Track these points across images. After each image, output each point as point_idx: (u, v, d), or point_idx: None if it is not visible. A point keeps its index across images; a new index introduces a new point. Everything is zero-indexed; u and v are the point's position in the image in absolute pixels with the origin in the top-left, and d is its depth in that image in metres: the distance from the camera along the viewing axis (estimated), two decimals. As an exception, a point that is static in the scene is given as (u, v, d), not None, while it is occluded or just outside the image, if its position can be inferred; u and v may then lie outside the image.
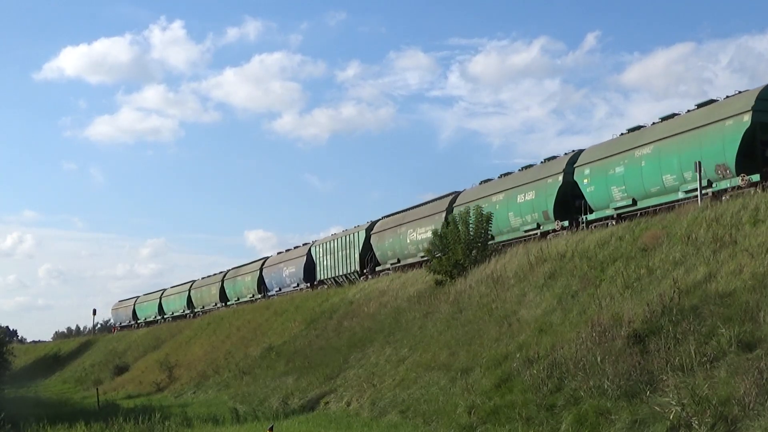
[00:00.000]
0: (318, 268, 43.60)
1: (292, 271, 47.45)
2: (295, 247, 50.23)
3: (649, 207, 23.05)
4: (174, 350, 44.20)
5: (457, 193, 33.46)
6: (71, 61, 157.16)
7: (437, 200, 35.09)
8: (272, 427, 16.74)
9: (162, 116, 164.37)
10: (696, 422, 10.55)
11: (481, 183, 32.84)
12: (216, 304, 58.22)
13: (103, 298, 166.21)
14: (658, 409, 11.29)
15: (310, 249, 45.62)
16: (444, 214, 31.89)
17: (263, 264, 52.83)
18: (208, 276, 64.22)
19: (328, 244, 42.85)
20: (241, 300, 54.17)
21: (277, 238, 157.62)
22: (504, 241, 27.88)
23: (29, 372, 62.82)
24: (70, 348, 71.87)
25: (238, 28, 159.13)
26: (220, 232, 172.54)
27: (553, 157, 28.86)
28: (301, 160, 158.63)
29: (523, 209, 28.16)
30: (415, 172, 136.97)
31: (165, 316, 68.00)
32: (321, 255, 43.39)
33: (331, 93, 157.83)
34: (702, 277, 14.38)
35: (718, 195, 20.46)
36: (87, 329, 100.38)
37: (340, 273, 40.82)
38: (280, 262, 49.86)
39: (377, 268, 37.62)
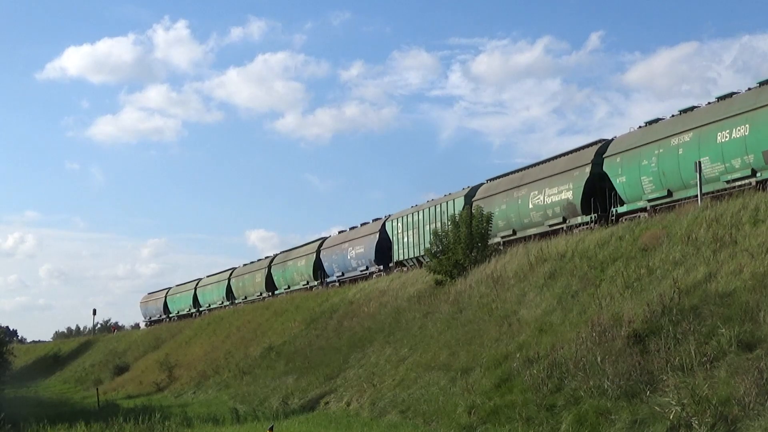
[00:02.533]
0: (395, 247, 36.45)
1: (360, 251, 39.98)
2: (362, 224, 42.45)
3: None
4: (174, 350, 44.19)
5: (606, 142, 26.46)
6: (74, 60, 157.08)
7: (578, 150, 27.88)
8: (272, 427, 16.76)
9: (165, 116, 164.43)
10: (696, 422, 10.55)
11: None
12: (261, 294, 51.28)
13: (104, 298, 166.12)
14: (658, 409, 11.29)
15: (384, 224, 38.29)
16: (589, 168, 25.89)
17: (321, 245, 45.52)
18: (252, 262, 57.18)
19: (409, 217, 35.39)
20: (293, 288, 47.03)
21: (278, 238, 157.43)
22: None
23: (29, 372, 62.87)
24: (70, 348, 71.87)
25: (242, 28, 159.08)
26: (221, 232, 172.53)
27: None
28: (302, 159, 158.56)
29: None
30: (416, 172, 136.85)
31: (200, 309, 61.23)
32: (400, 231, 35.91)
33: (334, 93, 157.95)
34: (702, 277, 14.38)
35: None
36: (87, 329, 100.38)
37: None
38: (344, 242, 42.15)
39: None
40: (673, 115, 24.14)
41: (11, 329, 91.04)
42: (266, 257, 54.24)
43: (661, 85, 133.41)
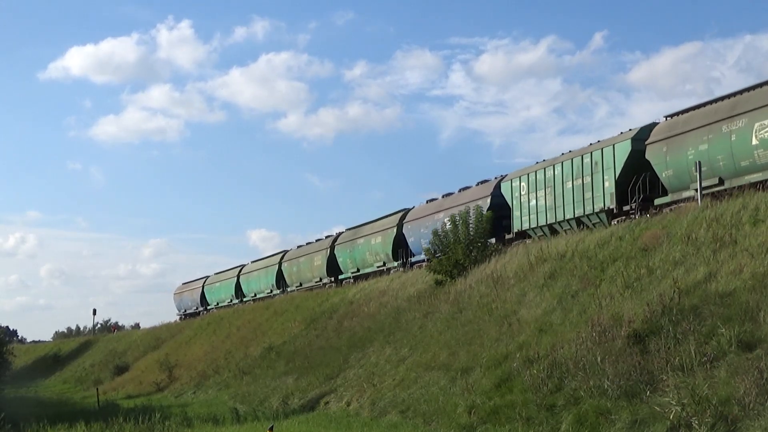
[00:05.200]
0: (515, 214, 28.81)
1: None
2: (461, 190, 33.96)
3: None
4: (174, 350, 44.21)
5: None
6: (77, 60, 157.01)
7: None
8: (272, 427, 16.75)
9: (167, 116, 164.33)
10: (696, 422, 10.55)
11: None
12: (320, 280, 43.66)
13: (105, 298, 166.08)
14: (658, 409, 11.30)
15: (499, 184, 30.24)
16: None
17: (403, 217, 36.90)
18: (309, 243, 48.64)
19: (539, 173, 27.89)
20: (363, 271, 38.70)
21: (280, 237, 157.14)
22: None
23: (29, 372, 62.85)
24: (70, 348, 71.86)
25: (246, 28, 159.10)
26: (222, 231, 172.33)
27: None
28: (303, 159, 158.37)
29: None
30: (416, 172, 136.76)
31: (245, 299, 53.84)
32: (523, 193, 28.71)
33: (337, 93, 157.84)
34: (702, 277, 14.39)
35: None
36: (87, 329, 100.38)
37: (571, 216, 25.79)
38: (435, 212, 33.55)
39: (658, 201, 22.83)
40: None
41: (11, 329, 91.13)
42: (327, 236, 45.98)
43: (664, 84, 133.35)
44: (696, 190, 21.04)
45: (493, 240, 27.92)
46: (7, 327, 74.79)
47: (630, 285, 15.91)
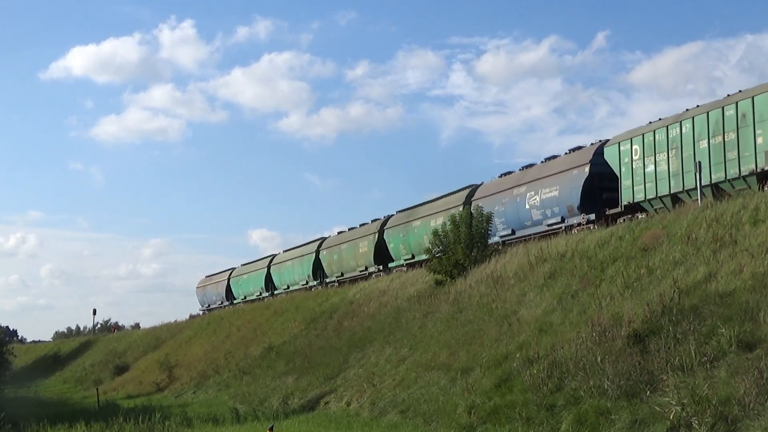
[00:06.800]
0: (625, 183, 24.08)
1: (550, 195, 27.01)
2: (546, 160, 29.15)
3: None
4: (174, 350, 44.21)
5: None
6: (79, 60, 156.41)
7: None
8: (272, 427, 16.76)
9: (169, 116, 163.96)
10: (696, 422, 10.56)
11: None
12: (366, 269, 38.65)
13: (105, 298, 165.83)
14: (658, 409, 11.31)
15: (601, 149, 25.56)
16: None
17: (471, 194, 32.02)
18: (352, 228, 42.86)
19: (652, 135, 23.22)
20: (417, 258, 32.99)
21: (281, 237, 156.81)
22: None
23: (29, 372, 62.83)
24: (70, 348, 71.85)
25: (248, 28, 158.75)
26: (222, 231, 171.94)
27: None
28: (304, 159, 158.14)
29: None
30: (417, 171, 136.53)
31: (276, 292, 49.36)
32: (631, 159, 23.94)
33: (339, 93, 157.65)
34: (702, 277, 14.40)
35: None
36: (87, 329, 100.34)
37: (706, 182, 21.07)
38: (515, 186, 29.19)
39: None
40: None
41: (11, 329, 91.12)
42: (374, 220, 40.42)
43: (666, 84, 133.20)
44: None
45: (592, 216, 24.60)
46: (7, 327, 74.86)
47: (630, 285, 15.92)
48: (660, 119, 23.63)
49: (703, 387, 11.10)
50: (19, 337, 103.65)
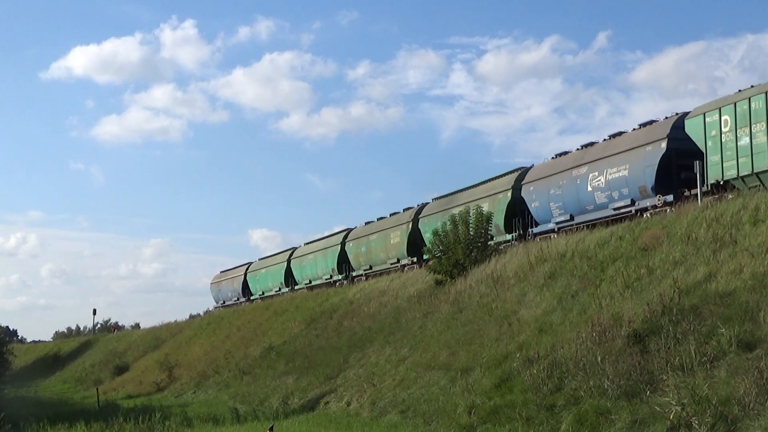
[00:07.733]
0: (711, 158, 21.44)
1: (619, 176, 24.53)
2: (611, 136, 26.47)
3: None
4: (174, 350, 44.22)
5: None
6: (80, 60, 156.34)
7: None
8: (272, 427, 16.76)
9: (170, 116, 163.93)
10: (696, 422, 10.56)
11: None
12: (398, 261, 35.82)
13: (105, 298, 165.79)
14: (658, 409, 11.31)
15: (681, 121, 22.90)
16: None
17: (521, 178, 29.64)
18: (381, 218, 39.59)
19: (747, 103, 20.46)
20: None
21: (281, 237, 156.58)
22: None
23: (29, 372, 62.85)
24: (70, 348, 71.86)
25: (249, 28, 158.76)
26: (223, 231, 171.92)
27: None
28: (305, 159, 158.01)
29: None
30: (417, 171, 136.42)
31: (297, 287, 46.42)
32: (720, 131, 21.21)
33: (340, 92, 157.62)
34: (702, 277, 14.40)
35: None
36: (87, 329, 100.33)
37: None
38: (574, 167, 26.62)
39: None
40: None
41: (11, 329, 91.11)
42: (407, 208, 37.46)
43: (668, 84, 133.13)
44: None
45: (669, 197, 22.41)
46: (7, 327, 74.83)
47: (630, 285, 15.92)
48: (752, 86, 20.73)
49: (703, 387, 11.10)
50: (19, 337, 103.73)
